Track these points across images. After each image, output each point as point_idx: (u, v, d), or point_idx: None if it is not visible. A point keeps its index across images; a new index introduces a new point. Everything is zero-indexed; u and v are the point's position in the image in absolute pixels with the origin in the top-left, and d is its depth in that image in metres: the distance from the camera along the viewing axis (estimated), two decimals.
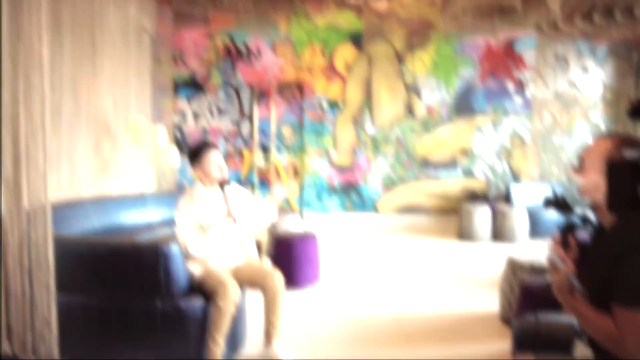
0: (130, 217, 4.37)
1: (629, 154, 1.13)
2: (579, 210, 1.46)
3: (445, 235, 5.92)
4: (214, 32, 6.85)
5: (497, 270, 4.16)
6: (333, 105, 7.02)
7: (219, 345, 2.19)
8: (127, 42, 5.06)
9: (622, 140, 1.23)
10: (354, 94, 7.05)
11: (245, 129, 7.12)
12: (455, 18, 5.27)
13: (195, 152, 2.51)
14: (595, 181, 1.24)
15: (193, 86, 6.91)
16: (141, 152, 5.11)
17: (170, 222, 4.38)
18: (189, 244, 2.35)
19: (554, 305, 1.70)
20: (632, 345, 1.07)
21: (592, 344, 1.33)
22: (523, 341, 1.62)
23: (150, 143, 4.72)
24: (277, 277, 2.41)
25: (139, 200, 4.52)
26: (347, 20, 6.87)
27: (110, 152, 4.73)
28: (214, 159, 2.45)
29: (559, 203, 1.45)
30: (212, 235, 2.36)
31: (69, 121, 4.10)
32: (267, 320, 2.42)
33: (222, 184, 2.42)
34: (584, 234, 1.44)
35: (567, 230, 1.41)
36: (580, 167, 1.30)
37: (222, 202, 2.42)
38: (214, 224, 2.35)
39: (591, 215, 1.42)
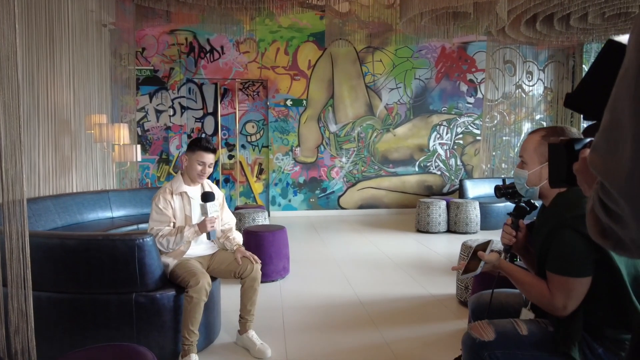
0: (93, 214, 4.30)
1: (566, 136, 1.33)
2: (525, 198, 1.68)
3: (403, 228, 6.21)
4: (177, 28, 6.78)
5: (453, 257, 4.48)
6: (297, 103, 7.14)
7: (194, 335, 2.24)
8: (87, 36, 4.93)
9: (548, 131, 1.45)
10: (317, 92, 7.21)
11: (208, 126, 7.09)
12: (413, 21, 5.55)
13: (195, 142, 2.50)
14: (537, 172, 1.45)
15: (155, 83, 6.80)
16: (103, 149, 4.99)
17: (132, 219, 4.37)
18: (162, 237, 2.37)
19: (505, 283, 1.94)
20: (559, 301, 1.31)
21: (534, 308, 1.56)
22: (478, 313, 1.82)
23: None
24: (255, 265, 2.47)
25: (101, 197, 4.44)
26: (310, 20, 7.01)
27: (70, 149, 4.60)
28: (203, 159, 2.45)
29: (509, 192, 1.67)
30: (183, 243, 2.39)
31: (26, 116, 3.96)
32: (244, 307, 2.50)
33: (205, 198, 2.41)
34: (532, 219, 1.65)
35: (517, 215, 1.63)
36: (522, 162, 1.51)
37: (201, 214, 2.43)
38: (187, 235, 2.37)
39: (536, 202, 1.64)
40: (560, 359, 1.30)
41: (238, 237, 2.65)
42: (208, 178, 2.63)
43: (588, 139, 0.94)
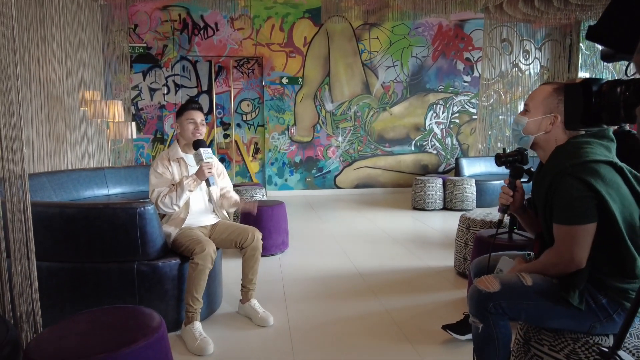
0: (89, 191, 4.26)
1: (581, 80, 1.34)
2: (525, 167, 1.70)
3: (400, 206, 6.24)
4: (169, 4, 6.63)
5: (450, 233, 4.52)
6: (293, 81, 7.06)
7: (198, 302, 2.25)
8: (78, 11, 4.80)
9: (561, 85, 1.44)
10: (313, 70, 7.12)
11: (203, 104, 7.00)
12: None
13: (180, 109, 2.56)
14: (538, 121, 1.45)
15: (148, 60, 6.67)
16: (97, 125, 4.92)
17: (130, 196, 4.34)
18: (163, 196, 2.36)
19: (502, 250, 1.97)
20: (565, 252, 1.30)
21: None
22: (479, 273, 1.85)
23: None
24: (255, 234, 2.47)
25: (97, 174, 4.40)
26: None
27: (64, 126, 4.53)
28: (192, 117, 2.48)
29: (509, 160, 1.68)
30: (186, 195, 2.40)
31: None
32: (245, 277, 2.51)
33: (197, 145, 2.44)
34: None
35: (514, 175, 1.65)
36: (526, 110, 1.51)
37: (197, 164, 2.44)
38: (187, 183, 2.37)
39: (532, 169, 1.66)
40: (564, 308, 1.32)
41: (235, 196, 2.67)
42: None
43: (604, 79, 0.95)
